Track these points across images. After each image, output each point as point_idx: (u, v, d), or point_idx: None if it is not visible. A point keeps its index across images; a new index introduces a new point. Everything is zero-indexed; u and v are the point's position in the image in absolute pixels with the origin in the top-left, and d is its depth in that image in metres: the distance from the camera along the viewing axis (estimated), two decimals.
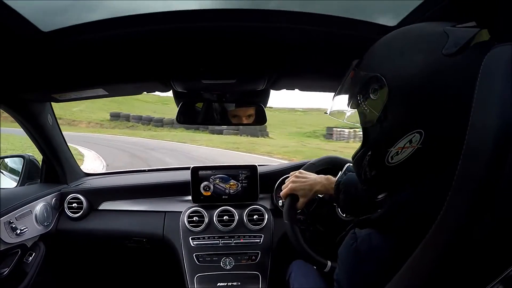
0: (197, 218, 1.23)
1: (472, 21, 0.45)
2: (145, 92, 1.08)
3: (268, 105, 1.13)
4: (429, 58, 0.43)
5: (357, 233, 0.49)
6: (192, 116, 1.11)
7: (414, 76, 0.44)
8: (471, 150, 0.31)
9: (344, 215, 0.88)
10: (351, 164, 0.82)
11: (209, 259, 1.19)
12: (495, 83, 0.30)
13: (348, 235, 0.51)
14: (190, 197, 1.27)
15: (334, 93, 0.60)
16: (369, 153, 0.50)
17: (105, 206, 1.33)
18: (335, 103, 0.60)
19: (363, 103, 0.50)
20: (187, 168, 1.31)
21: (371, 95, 0.48)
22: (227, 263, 1.19)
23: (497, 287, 0.31)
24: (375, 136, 0.49)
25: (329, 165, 0.99)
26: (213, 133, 14.98)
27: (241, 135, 14.05)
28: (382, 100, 0.46)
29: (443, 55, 0.42)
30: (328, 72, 0.92)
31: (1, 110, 1.06)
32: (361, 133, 0.52)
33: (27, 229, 1.10)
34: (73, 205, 1.28)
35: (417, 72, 0.44)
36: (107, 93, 1.03)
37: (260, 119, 1.12)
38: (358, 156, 0.53)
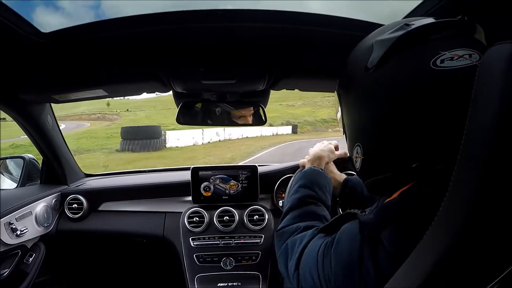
0: (197, 219, 1.23)
1: (464, 19, 0.45)
2: (145, 93, 1.08)
3: None
4: (355, 75, 0.46)
5: (362, 228, 0.45)
6: (192, 116, 1.11)
7: (347, 93, 0.49)
8: (469, 150, 0.31)
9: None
10: None
11: (210, 259, 1.19)
12: (493, 82, 0.29)
13: (352, 224, 0.47)
14: (190, 198, 1.27)
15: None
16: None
17: (105, 206, 1.33)
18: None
19: (337, 115, 0.57)
20: (187, 169, 1.31)
21: (338, 107, 0.55)
22: (228, 264, 1.19)
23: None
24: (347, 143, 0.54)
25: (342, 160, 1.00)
26: None
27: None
28: (342, 114, 0.53)
29: (365, 72, 0.44)
30: (328, 72, 0.93)
31: (1, 111, 1.06)
32: None
33: (27, 230, 1.10)
34: (73, 206, 1.28)
35: (350, 89, 0.48)
36: (107, 93, 1.03)
37: (260, 119, 1.12)
38: None
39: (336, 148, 0.94)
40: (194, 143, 15.30)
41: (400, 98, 0.41)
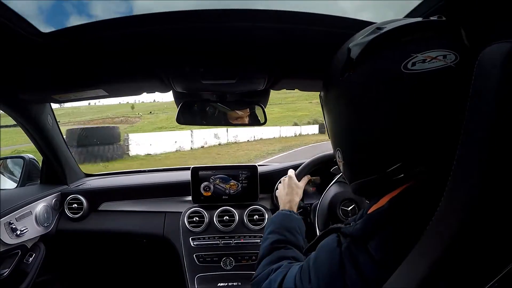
0: (197, 219, 1.23)
1: (467, 22, 0.45)
2: (145, 93, 1.08)
3: None
4: (332, 81, 0.47)
5: (341, 238, 0.44)
6: (192, 116, 1.11)
7: (326, 100, 0.50)
8: (466, 150, 0.31)
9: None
10: None
11: (210, 259, 1.19)
12: (490, 82, 0.30)
13: (330, 238, 0.46)
14: (190, 198, 1.27)
15: None
16: None
17: (105, 206, 1.33)
18: None
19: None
20: (187, 169, 1.31)
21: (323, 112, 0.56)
22: (228, 263, 1.19)
23: (495, 286, 0.31)
24: None
25: (320, 165, 1.08)
26: None
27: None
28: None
29: (339, 79, 0.44)
30: None
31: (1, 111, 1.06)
32: None
33: (27, 230, 1.10)
34: (73, 205, 1.28)
35: (328, 96, 0.49)
36: (107, 93, 1.03)
37: (256, 119, 1.12)
38: None
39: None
40: (178, 149, 12.99)
41: (371, 102, 0.41)
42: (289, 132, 19.77)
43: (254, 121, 1.12)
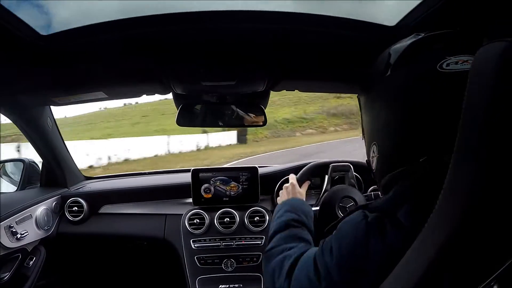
0: (198, 221, 1.23)
1: (466, 22, 0.48)
2: (145, 95, 1.08)
3: None
4: (373, 81, 0.52)
5: (367, 211, 0.47)
6: (192, 118, 1.11)
7: (366, 98, 0.55)
8: (462, 148, 0.32)
9: None
10: (335, 164, 1.11)
11: (211, 261, 1.19)
12: (485, 81, 0.30)
13: (356, 213, 0.48)
14: (190, 200, 1.27)
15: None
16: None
17: (106, 209, 1.33)
18: None
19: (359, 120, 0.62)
20: (188, 171, 1.31)
21: (360, 112, 0.59)
22: (229, 265, 1.19)
23: (493, 284, 0.31)
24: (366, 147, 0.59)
25: (320, 168, 1.13)
26: None
27: None
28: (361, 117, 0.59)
29: (381, 77, 0.49)
30: (328, 72, 0.93)
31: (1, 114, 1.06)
32: None
33: (27, 233, 1.09)
34: (74, 208, 1.28)
35: (368, 94, 0.54)
36: (107, 96, 1.03)
37: (260, 120, 1.12)
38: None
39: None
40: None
41: (411, 98, 0.46)
42: (192, 143, 14.68)
43: (259, 121, 1.12)
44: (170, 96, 1.08)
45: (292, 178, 0.97)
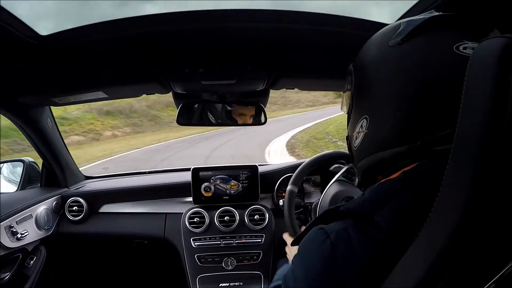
0: (198, 219, 1.23)
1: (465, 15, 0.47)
2: (145, 94, 1.08)
3: None
4: (376, 50, 0.47)
5: (326, 228, 0.41)
6: (191, 117, 1.12)
7: (366, 67, 0.49)
8: (462, 143, 0.32)
9: None
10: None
11: (211, 259, 1.19)
12: (484, 77, 0.30)
13: (313, 231, 0.42)
14: (191, 198, 1.27)
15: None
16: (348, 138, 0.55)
17: (106, 208, 1.33)
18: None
19: (344, 94, 0.56)
20: (188, 170, 1.32)
21: (347, 85, 0.54)
22: (229, 264, 1.19)
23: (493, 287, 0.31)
24: (348, 123, 0.54)
25: (318, 164, 1.10)
26: None
27: None
28: (351, 90, 0.52)
29: (388, 47, 0.45)
30: (327, 71, 0.93)
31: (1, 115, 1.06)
32: None
33: (27, 233, 1.10)
34: (74, 208, 1.28)
35: (368, 64, 0.48)
36: (107, 96, 1.03)
37: (260, 119, 1.12)
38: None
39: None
40: None
41: (420, 73, 0.42)
42: None
43: (259, 120, 1.13)
44: None
45: (286, 238, 0.98)
